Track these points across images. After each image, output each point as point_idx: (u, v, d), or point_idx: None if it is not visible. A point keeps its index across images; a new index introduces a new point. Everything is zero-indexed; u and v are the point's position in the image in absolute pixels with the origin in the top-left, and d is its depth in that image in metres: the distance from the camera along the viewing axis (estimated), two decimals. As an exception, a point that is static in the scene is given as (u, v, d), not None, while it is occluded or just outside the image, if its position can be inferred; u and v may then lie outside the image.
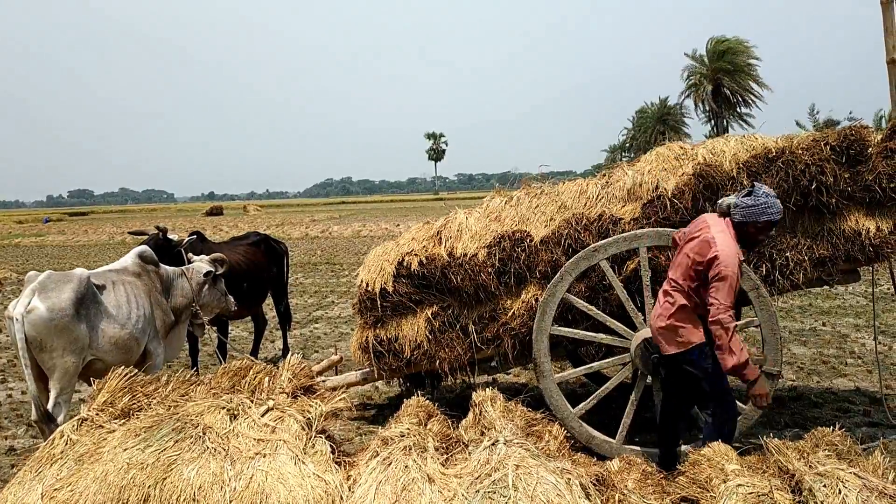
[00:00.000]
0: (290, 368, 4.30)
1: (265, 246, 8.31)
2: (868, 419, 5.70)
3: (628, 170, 5.49)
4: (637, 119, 68.54)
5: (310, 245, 26.51)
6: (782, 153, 4.99)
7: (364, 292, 5.67)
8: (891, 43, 5.29)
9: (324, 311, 12.00)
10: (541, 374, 5.10)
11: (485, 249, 5.41)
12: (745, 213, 4.02)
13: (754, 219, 4.01)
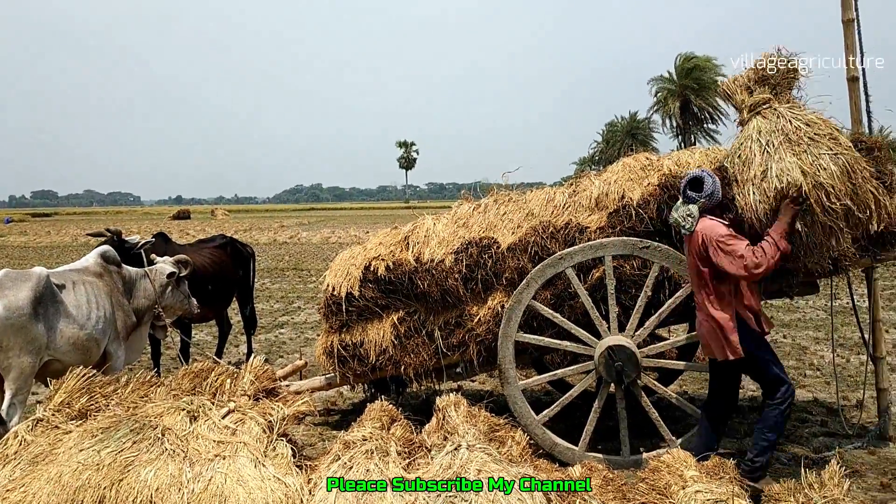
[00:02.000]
0: (252, 371, 4.26)
1: (231, 249, 8.23)
2: (825, 429, 5.79)
3: (595, 179, 5.54)
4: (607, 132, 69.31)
5: (278, 251, 26.32)
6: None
7: (330, 296, 5.64)
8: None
9: (290, 316, 11.91)
10: (505, 381, 5.11)
11: (452, 255, 5.42)
12: (714, 197, 4.34)
13: (721, 194, 4.41)
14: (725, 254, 4.13)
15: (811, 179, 4.14)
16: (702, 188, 4.35)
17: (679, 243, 4.91)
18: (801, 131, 4.29)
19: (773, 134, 4.35)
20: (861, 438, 5.45)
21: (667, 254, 4.82)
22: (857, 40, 5.43)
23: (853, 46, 5.43)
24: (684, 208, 4.35)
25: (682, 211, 4.35)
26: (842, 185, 4.14)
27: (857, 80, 5.41)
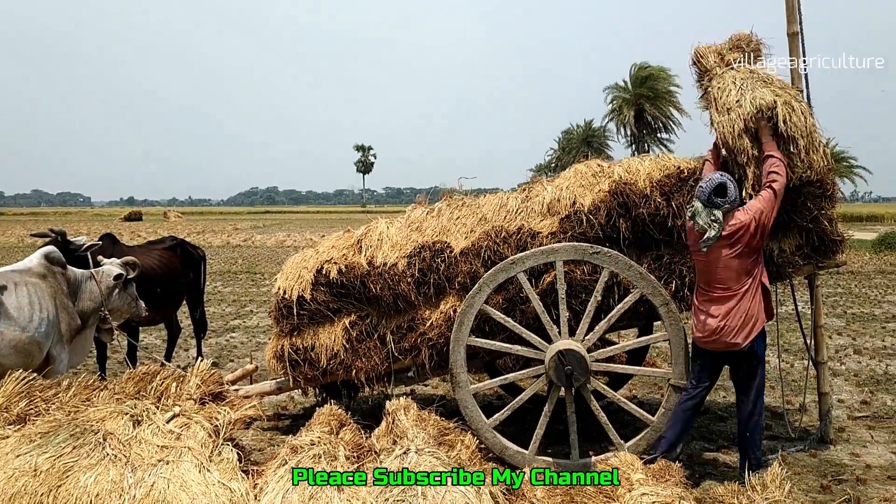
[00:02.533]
0: (198, 374, 4.19)
1: (181, 251, 8.09)
2: (769, 433, 5.91)
3: (548, 185, 5.59)
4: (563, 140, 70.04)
5: (231, 254, 25.99)
6: (694, 173, 5.16)
7: (281, 300, 5.58)
8: (795, 75, 5.54)
9: (242, 320, 11.76)
10: (457, 385, 5.12)
11: (405, 259, 5.41)
12: (735, 203, 4.52)
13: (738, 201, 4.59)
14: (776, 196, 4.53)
15: (781, 100, 4.72)
16: (726, 194, 4.47)
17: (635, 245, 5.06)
18: (770, 77, 4.99)
19: (746, 78, 4.92)
20: (803, 441, 5.59)
21: (616, 259, 4.88)
22: (801, 51, 5.57)
23: (798, 57, 5.57)
24: (708, 213, 4.46)
25: (707, 217, 4.45)
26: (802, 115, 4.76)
27: (800, 91, 5.55)
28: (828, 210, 5.10)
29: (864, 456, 5.37)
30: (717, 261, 4.54)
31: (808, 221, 5.05)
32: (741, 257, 4.51)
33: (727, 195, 4.48)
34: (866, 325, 11.02)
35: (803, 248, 5.12)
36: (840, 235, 5.18)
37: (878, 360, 8.65)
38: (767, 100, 4.71)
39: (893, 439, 5.74)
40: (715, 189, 4.47)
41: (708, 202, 4.47)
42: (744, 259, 4.52)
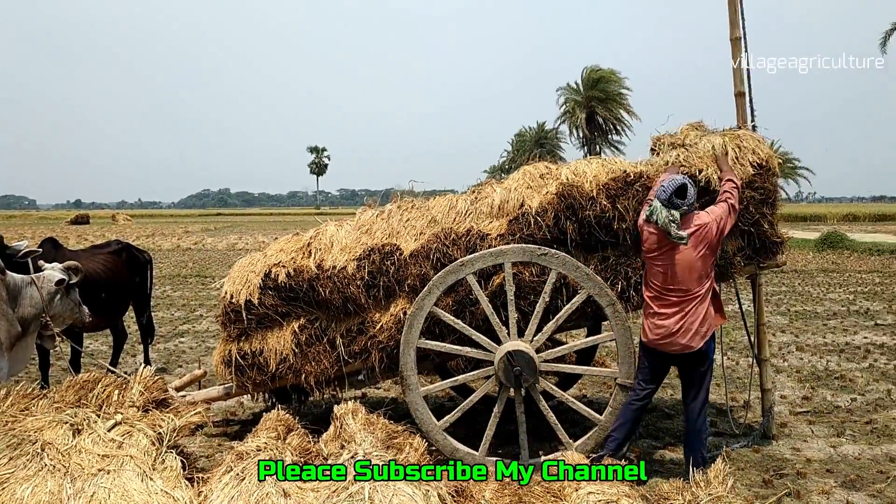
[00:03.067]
0: (141, 381, 4.11)
1: (127, 255, 7.93)
2: (714, 429, 6.04)
3: (497, 187, 5.61)
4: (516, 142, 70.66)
5: (181, 257, 25.55)
6: (640, 177, 5.24)
7: (228, 304, 5.51)
8: (738, 76, 5.69)
9: (191, 324, 11.57)
10: (407, 388, 5.11)
11: (354, 262, 5.38)
12: (694, 205, 4.66)
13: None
14: (733, 209, 4.71)
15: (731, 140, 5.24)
16: (686, 196, 4.56)
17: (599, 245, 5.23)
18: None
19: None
20: (747, 437, 5.72)
21: (564, 261, 4.93)
22: (743, 56, 5.71)
23: (741, 63, 5.71)
24: (668, 213, 4.52)
25: (668, 216, 4.52)
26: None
27: (743, 95, 5.70)
28: (769, 214, 5.24)
29: (804, 450, 5.52)
30: (681, 262, 4.59)
31: (750, 225, 5.19)
32: (703, 259, 4.60)
33: (686, 197, 4.56)
34: (808, 323, 11.33)
35: (745, 250, 5.25)
36: (780, 237, 5.33)
37: (819, 356, 8.90)
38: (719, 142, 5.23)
39: (832, 433, 5.91)
40: (677, 190, 4.55)
41: (668, 202, 4.54)
42: (705, 261, 4.62)
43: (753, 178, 5.13)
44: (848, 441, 5.73)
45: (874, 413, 6.45)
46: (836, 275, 18.37)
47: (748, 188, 5.11)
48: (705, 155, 5.17)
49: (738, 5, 5.70)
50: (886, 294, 14.59)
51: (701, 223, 4.59)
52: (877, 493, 4.68)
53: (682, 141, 5.34)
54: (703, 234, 4.57)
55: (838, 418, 6.32)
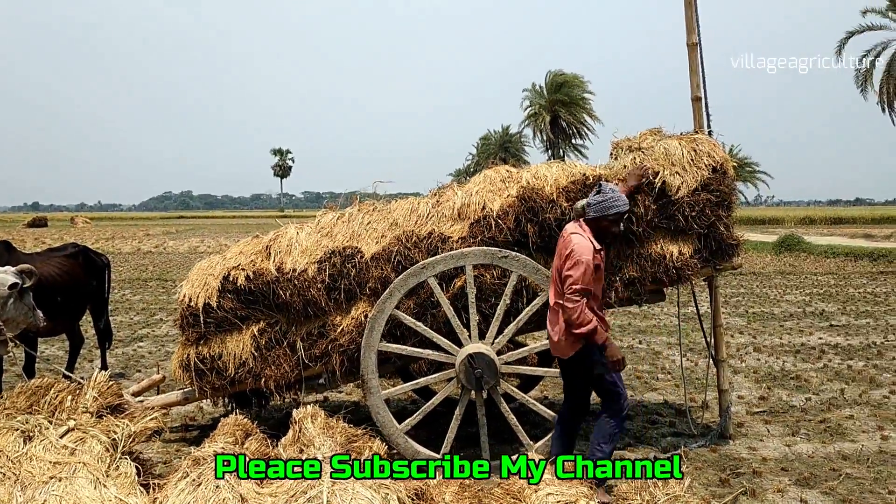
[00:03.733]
0: (95, 386, 4.03)
1: (84, 258, 7.78)
2: (673, 429, 6.12)
3: (458, 190, 5.63)
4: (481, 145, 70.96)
5: (141, 260, 25.16)
6: (599, 180, 5.29)
7: (186, 308, 5.44)
8: (695, 82, 5.77)
9: (151, 328, 11.40)
10: (368, 391, 5.10)
11: (315, 265, 5.35)
12: (597, 209, 4.47)
13: (605, 212, 4.47)
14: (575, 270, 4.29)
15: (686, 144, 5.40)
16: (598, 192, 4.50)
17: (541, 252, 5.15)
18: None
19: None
20: (704, 437, 5.80)
21: (524, 263, 4.96)
22: (699, 63, 5.80)
23: (697, 68, 5.80)
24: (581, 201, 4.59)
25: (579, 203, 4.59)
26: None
27: (700, 99, 5.78)
28: (724, 217, 5.33)
29: (760, 449, 5.61)
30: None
31: (706, 227, 5.27)
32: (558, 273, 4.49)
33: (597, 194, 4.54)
34: (766, 324, 11.54)
35: (701, 252, 5.33)
36: (736, 240, 5.42)
37: (775, 356, 9.07)
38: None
39: (788, 432, 6.02)
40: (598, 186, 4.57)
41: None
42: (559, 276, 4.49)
43: (709, 180, 5.21)
44: (802, 440, 5.84)
45: (828, 412, 6.59)
46: (792, 277, 18.74)
47: (704, 191, 5.19)
48: (661, 157, 5.25)
49: (694, 10, 5.79)
50: (841, 296, 14.93)
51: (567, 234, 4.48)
52: (829, 490, 4.78)
53: (639, 145, 5.41)
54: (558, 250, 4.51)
55: (793, 418, 6.45)
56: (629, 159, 5.38)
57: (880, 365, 8.54)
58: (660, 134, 5.65)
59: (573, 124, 52.07)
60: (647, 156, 5.29)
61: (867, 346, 9.72)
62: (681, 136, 5.56)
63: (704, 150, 5.35)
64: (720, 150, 5.38)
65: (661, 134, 5.66)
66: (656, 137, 5.58)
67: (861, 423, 6.27)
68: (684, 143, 5.40)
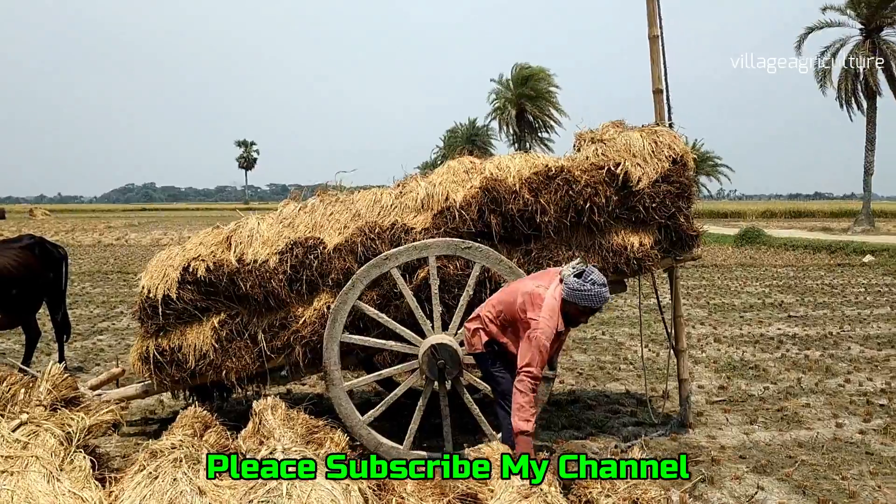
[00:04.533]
0: (49, 379, 3.95)
1: (40, 250, 7.61)
2: (634, 419, 6.19)
3: (421, 181, 5.62)
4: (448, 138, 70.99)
5: (102, 253, 24.75)
6: (561, 171, 5.32)
7: (146, 299, 5.35)
8: (656, 74, 5.82)
9: (111, 322, 11.21)
10: (330, 383, 5.07)
11: (276, 256, 5.30)
12: (570, 294, 4.24)
13: (576, 301, 4.24)
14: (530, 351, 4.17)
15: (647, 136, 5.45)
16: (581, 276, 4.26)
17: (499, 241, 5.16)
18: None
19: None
20: (665, 426, 5.88)
21: (487, 254, 4.97)
22: (661, 55, 5.85)
23: (658, 60, 5.85)
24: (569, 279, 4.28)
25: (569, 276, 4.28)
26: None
27: (661, 91, 5.83)
28: (684, 208, 5.39)
29: (719, 438, 5.70)
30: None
31: (667, 219, 5.33)
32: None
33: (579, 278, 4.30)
34: (726, 315, 11.72)
35: (662, 243, 5.39)
36: (696, 231, 5.49)
37: (735, 347, 9.22)
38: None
39: (746, 421, 6.12)
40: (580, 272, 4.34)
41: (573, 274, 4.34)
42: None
43: (669, 172, 5.26)
44: (760, 428, 5.94)
45: (785, 401, 6.71)
46: (752, 269, 19.05)
47: (664, 182, 5.24)
48: (622, 149, 5.28)
49: (655, 4, 5.83)
50: (799, 287, 15.22)
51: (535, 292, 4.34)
52: (785, 476, 4.87)
53: (602, 137, 5.44)
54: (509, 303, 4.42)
55: (752, 406, 6.56)
56: (591, 150, 5.41)
57: (836, 354, 8.73)
58: (622, 126, 5.69)
59: (539, 117, 52.33)
60: (608, 147, 5.32)
61: (824, 336, 9.92)
62: (642, 129, 5.61)
63: (665, 141, 5.40)
64: (680, 142, 5.44)
65: (623, 126, 5.71)
66: (618, 129, 5.62)
67: (817, 411, 6.40)
68: (645, 135, 5.45)
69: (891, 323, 10.92)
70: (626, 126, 5.72)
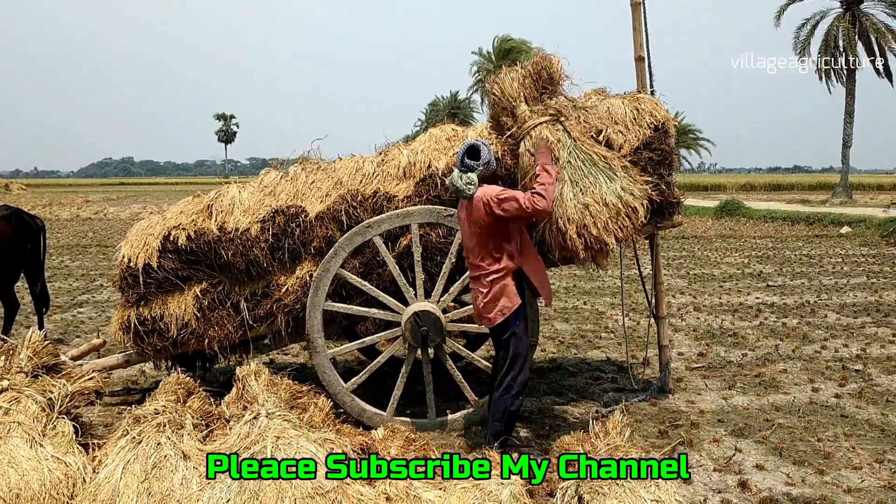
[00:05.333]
0: (30, 346, 3.92)
1: (17, 221, 7.52)
2: (615, 385, 6.27)
3: (404, 149, 5.59)
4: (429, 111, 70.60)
5: (80, 227, 24.50)
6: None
7: (126, 268, 5.32)
8: (638, 41, 5.80)
9: (90, 294, 11.14)
10: (314, 350, 5.08)
11: (258, 224, 5.28)
12: (490, 166, 4.49)
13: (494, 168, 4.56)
14: (506, 201, 4.25)
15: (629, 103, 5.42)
16: (479, 157, 4.45)
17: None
18: None
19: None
20: (645, 392, 5.95)
21: (470, 221, 4.97)
22: (643, 22, 5.83)
23: (640, 28, 5.83)
24: (465, 176, 4.37)
25: (464, 179, 4.36)
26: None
27: (643, 59, 5.82)
28: (666, 175, 5.40)
29: (698, 403, 5.79)
30: (472, 232, 4.45)
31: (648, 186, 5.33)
32: (478, 237, 4.41)
33: (480, 158, 4.45)
34: (706, 285, 11.83)
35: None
36: (677, 198, 5.50)
37: (714, 315, 9.33)
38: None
39: (724, 386, 6.21)
40: (467, 150, 4.45)
41: (462, 166, 4.43)
42: (480, 239, 4.41)
43: (651, 139, 5.27)
44: (738, 393, 6.03)
45: (762, 367, 6.81)
46: (732, 240, 19.22)
47: (646, 149, 5.24)
48: (604, 116, 5.27)
49: (637, -29, 5.80)
50: (778, 258, 15.38)
51: (476, 197, 4.37)
52: (763, 439, 4.96)
53: (584, 104, 5.43)
54: (472, 209, 4.39)
55: (730, 372, 6.65)
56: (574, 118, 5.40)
57: (813, 322, 8.86)
58: (604, 94, 5.68)
59: (521, 90, 52.16)
60: (590, 114, 5.31)
61: (801, 304, 10.06)
62: (624, 96, 5.60)
63: (647, 109, 5.40)
64: (662, 110, 5.44)
65: (605, 94, 5.70)
66: (600, 97, 5.61)
67: (794, 376, 6.51)
68: (627, 103, 5.44)
69: (866, 292, 11.08)
70: (608, 94, 5.71)
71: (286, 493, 3.09)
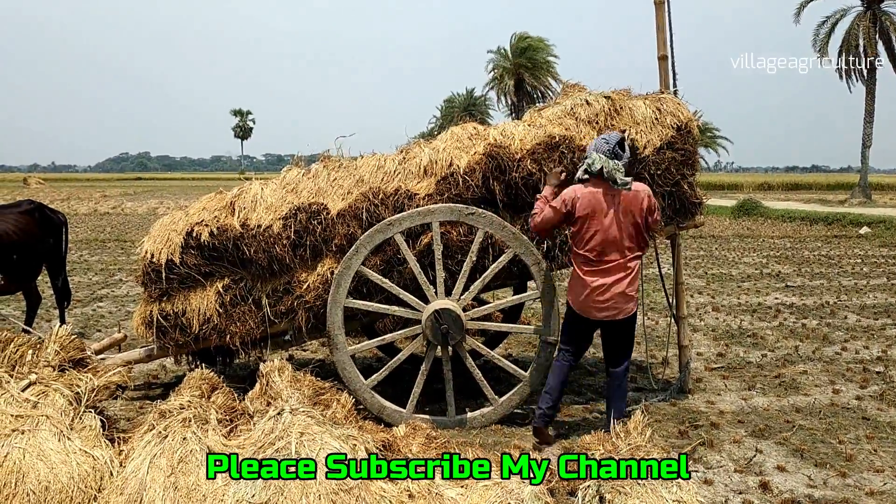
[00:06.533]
0: (57, 340, 3.97)
1: (40, 215, 7.58)
2: (634, 384, 6.25)
3: (425, 147, 5.60)
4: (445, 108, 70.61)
5: (99, 222, 24.69)
6: (564, 140, 5.30)
7: (148, 264, 5.36)
8: (661, 40, 5.78)
9: (110, 289, 11.22)
10: (334, 347, 5.10)
11: (280, 221, 5.30)
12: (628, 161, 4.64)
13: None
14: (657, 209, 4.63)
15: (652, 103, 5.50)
16: (625, 149, 4.58)
17: (501, 210, 5.15)
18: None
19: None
20: (665, 392, 5.94)
21: (491, 220, 4.97)
22: (667, 20, 5.80)
23: (664, 26, 5.80)
24: (614, 163, 4.47)
25: (614, 164, 4.46)
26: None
27: (666, 58, 5.80)
28: (689, 176, 5.39)
29: (718, 403, 5.76)
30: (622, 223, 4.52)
31: (671, 186, 5.33)
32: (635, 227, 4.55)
33: (626, 150, 4.60)
34: (724, 285, 11.77)
35: (665, 210, 5.39)
36: (699, 199, 5.50)
37: (733, 315, 9.28)
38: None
39: (744, 387, 6.19)
40: (619, 141, 4.57)
41: (611, 153, 4.50)
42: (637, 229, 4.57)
43: (674, 139, 5.25)
44: (758, 394, 6.01)
45: (782, 368, 6.78)
46: (750, 240, 19.11)
47: (668, 149, 5.23)
48: (626, 117, 5.27)
49: (661, -31, 5.77)
50: (796, 258, 15.28)
51: (640, 189, 4.56)
52: (783, 440, 4.93)
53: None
54: (629, 200, 4.51)
55: (750, 373, 6.62)
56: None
57: (833, 323, 8.79)
58: (627, 94, 5.67)
59: (538, 88, 52.03)
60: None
61: (821, 305, 9.99)
62: (646, 96, 5.59)
63: (669, 109, 5.39)
64: (685, 110, 5.43)
65: (628, 94, 5.68)
66: (623, 98, 5.60)
67: (814, 377, 6.47)
68: (649, 103, 5.43)
69: (887, 293, 10.99)
70: (631, 94, 5.69)
71: (310, 488, 3.11)
